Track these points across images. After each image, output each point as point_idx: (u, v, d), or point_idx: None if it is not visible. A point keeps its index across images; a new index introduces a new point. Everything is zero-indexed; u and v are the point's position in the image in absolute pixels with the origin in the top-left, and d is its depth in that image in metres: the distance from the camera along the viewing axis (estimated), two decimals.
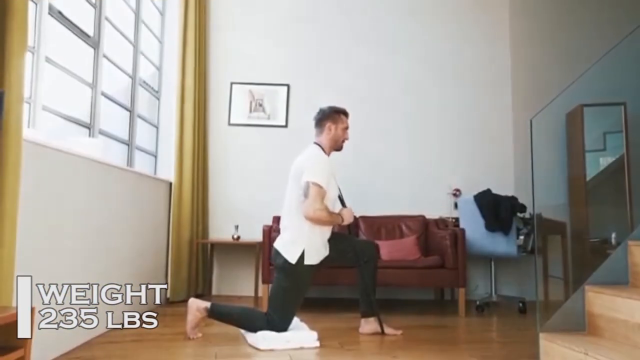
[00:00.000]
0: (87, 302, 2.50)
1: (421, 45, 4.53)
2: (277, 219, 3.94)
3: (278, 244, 2.64)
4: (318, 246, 2.62)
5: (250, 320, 2.58)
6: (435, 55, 4.52)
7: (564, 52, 4.30)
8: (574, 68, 2.80)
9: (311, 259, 2.58)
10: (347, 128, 2.81)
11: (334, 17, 4.53)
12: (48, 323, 2.05)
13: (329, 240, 2.72)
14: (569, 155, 4.10)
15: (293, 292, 2.59)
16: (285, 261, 2.56)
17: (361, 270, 2.75)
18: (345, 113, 2.83)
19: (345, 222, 2.71)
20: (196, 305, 2.57)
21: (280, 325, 2.53)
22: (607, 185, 4.00)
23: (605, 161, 4.04)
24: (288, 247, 2.58)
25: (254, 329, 2.54)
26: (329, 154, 2.76)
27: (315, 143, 2.78)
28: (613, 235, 3.57)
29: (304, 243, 2.57)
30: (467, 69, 4.52)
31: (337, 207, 2.76)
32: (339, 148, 2.81)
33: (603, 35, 3.90)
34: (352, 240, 2.83)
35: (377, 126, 4.41)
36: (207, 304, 2.57)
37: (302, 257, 2.55)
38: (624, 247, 2.18)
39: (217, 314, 2.58)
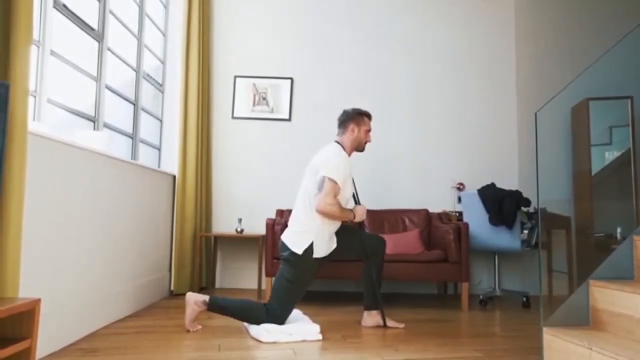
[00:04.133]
0: (92, 293, 2.53)
1: (425, 38, 4.50)
2: (280, 213, 3.96)
3: (285, 237, 2.66)
4: (326, 239, 2.65)
5: (249, 311, 2.60)
6: (439, 48, 4.50)
7: (569, 44, 4.27)
8: (579, 61, 2.78)
9: (319, 252, 2.61)
10: (369, 130, 2.84)
11: (337, 10, 4.51)
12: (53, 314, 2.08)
13: (337, 234, 2.74)
14: (574, 149, 4.08)
15: (296, 284, 2.60)
16: (292, 253, 2.58)
17: (368, 264, 2.77)
18: (368, 115, 2.86)
19: (357, 219, 2.73)
20: (194, 299, 2.59)
21: (279, 315, 2.56)
22: (613, 180, 3.98)
23: (611, 155, 4.01)
24: (295, 239, 2.61)
25: (253, 321, 2.57)
26: (349, 154, 2.79)
27: (337, 142, 2.80)
28: (618, 230, 3.56)
29: (312, 236, 2.59)
30: (471, 62, 4.49)
31: (350, 205, 2.78)
32: (361, 149, 2.85)
33: (609, 28, 3.86)
34: (361, 234, 2.84)
35: (380, 120, 4.40)
36: (206, 298, 2.59)
37: (310, 249, 2.58)
38: (629, 242, 2.17)
39: (217, 307, 2.60)
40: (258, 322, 2.55)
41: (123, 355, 2.11)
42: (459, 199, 4.17)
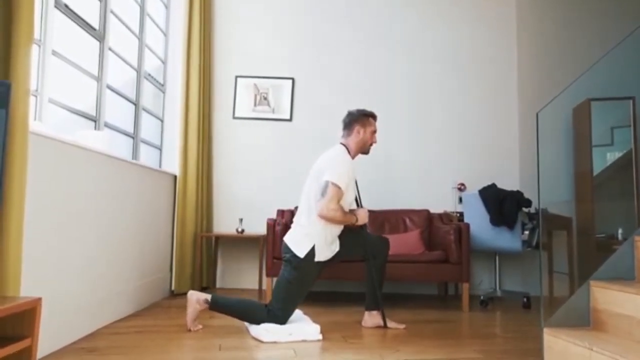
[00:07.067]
0: (94, 293, 2.53)
1: (425, 38, 4.50)
2: (281, 213, 3.96)
3: (288, 239, 2.65)
4: (329, 243, 2.64)
5: (250, 312, 2.60)
6: (439, 49, 4.50)
7: (571, 45, 4.26)
8: (581, 61, 2.78)
9: (321, 256, 2.60)
10: (375, 131, 2.82)
11: (337, 10, 4.51)
12: (54, 313, 2.08)
13: (340, 236, 2.73)
14: (576, 150, 4.07)
15: (297, 286, 2.60)
16: (294, 255, 2.58)
17: (370, 264, 2.77)
18: (374, 116, 2.84)
19: (360, 222, 2.72)
20: (196, 298, 2.59)
21: (280, 317, 2.55)
22: (614, 181, 3.97)
23: (612, 156, 4.01)
24: (298, 242, 2.60)
25: (254, 321, 2.57)
26: (354, 157, 2.78)
27: (342, 144, 2.78)
28: (619, 231, 3.55)
29: (315, 239, 2.58)
30: (472, 62, 4.49)
31: (352, 208, 2.77)
32: (366, 151, 2.83)
33: (611, 28, 3.85)
34: (363, 234, 2.82)
35: (382, 120, 4.37)
36: (208, 296, 2.59)
37: (312, 252, 2.57)
38: (630, 243, 2.17)
39: (218, 306, 2.60)
40: (259, 323, 2.55)
41: (124, 355, 2.11)
42: (460, 200, 4.17)
